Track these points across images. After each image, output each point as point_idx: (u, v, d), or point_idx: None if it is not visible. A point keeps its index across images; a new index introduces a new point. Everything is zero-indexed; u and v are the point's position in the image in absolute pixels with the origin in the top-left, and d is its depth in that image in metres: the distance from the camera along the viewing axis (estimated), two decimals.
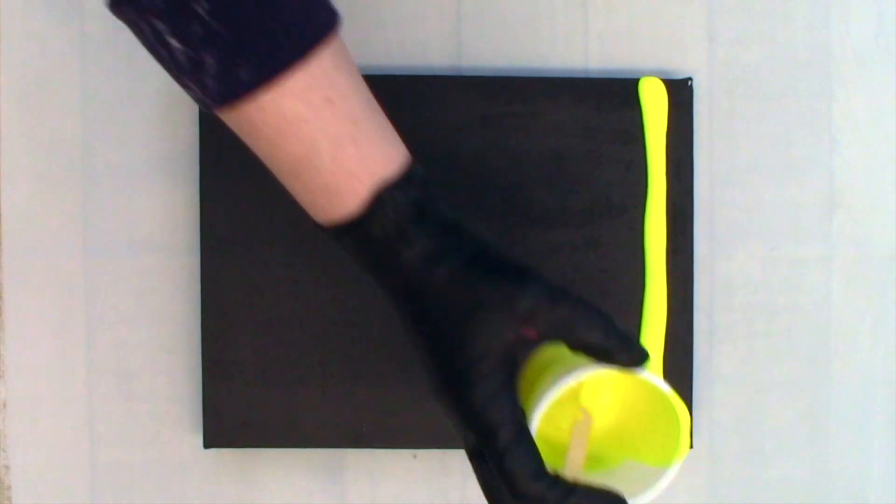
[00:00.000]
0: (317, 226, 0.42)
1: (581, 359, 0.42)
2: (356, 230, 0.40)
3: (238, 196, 0.54)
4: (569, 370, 0.42)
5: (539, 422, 0.41)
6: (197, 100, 0.40)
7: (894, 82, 0.58)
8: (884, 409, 0.58)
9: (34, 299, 0.56)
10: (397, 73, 0.56)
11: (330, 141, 0.39)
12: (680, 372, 0.55)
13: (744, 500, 0.58)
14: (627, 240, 0.55)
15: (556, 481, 0.39)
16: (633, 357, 0.41)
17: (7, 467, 0.57)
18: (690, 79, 0.55)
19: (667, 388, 0.42)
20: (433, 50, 0.57)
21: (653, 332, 0.55)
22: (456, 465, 0.57)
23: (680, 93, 0.55)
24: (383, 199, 0.40)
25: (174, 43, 0.37)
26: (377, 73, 0.55)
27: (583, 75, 0.57)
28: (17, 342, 0.56)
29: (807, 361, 0.58)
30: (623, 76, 0.56)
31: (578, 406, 0.46)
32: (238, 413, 0.54)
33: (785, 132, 0.57)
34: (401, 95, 0.54)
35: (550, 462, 0.40)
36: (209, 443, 0.55)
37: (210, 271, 0.54)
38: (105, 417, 0.56)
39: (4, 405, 0.57)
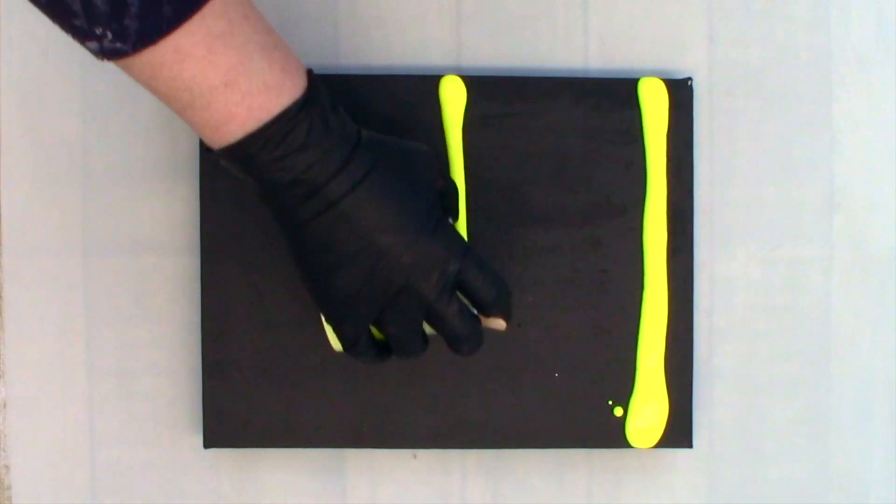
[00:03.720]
0: (230, 147, 0.44)
1: None
2: (292, 120, 0.43)
3: (238, 196, 0.54)
4: None
5: None
6: (104, 50, 0.41)
7: (894, 82, 0.58)
8: (884, 409, 0.58)
9: (34, 299, 0.56)
10: (397, 73, 0.56)
11: (259, 46, 0.43)
12: (680, 372, 0.55)
13: (744, 500, 0.58)
14: (627, 240, 0.55)
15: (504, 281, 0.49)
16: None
17: (7, 467, 0.57)
18: (690, 79, 0.55)
19: None
20: (433, 50, 0.57)
21: (653, 332, 0.55)
22: (456, 465, 0.57)
23: (680, 93, 0.55)
24: (316, 86, 0.45)
25: None
26: (377, 73, 0.55)
27: (583, 75, 0.57)
28: (17, 342, 0.56)
29: (807, 361, 0.58)
30: (623, 76, 0.56)
31: None
32: (238, 413, 0.54)
33: (785, 132, 0.57)
34: (400, 95, 0.55)
35: None
36: (209, 443, 0.55)
37: (210, 271, 0.54)
38: (105, 417, 0.56)
39: (4, 405, 0.57)
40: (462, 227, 0.54)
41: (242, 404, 0.54)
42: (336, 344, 0.50)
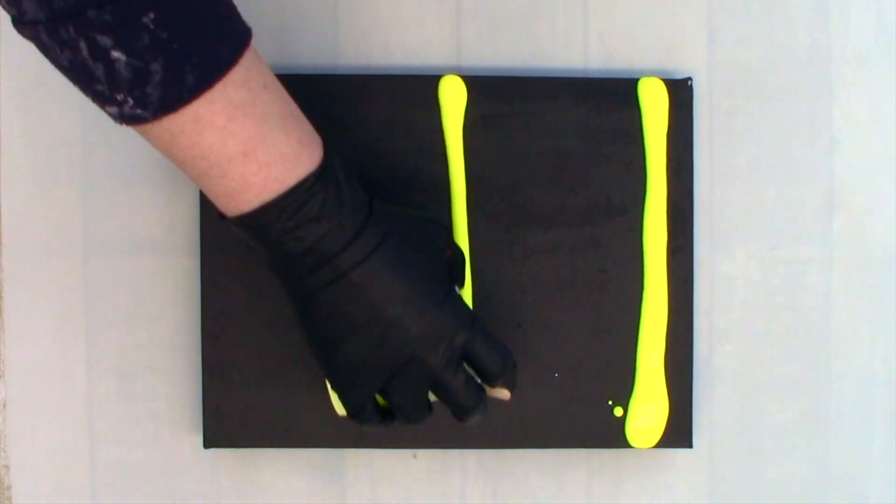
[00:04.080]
0: (244, 216, 0.44)
1: None
2: (308, 191, 0.44)
3: None
4: None
5: None
6: (123, 115, 0.41)
7: (894, 82, 0.58)
8: (884, 409, 0.58)
9: (34, 299, 0.56)
10: (397, 73, 0.56)
11: (277, 118, 0.43)
12: (680, 372, 0.55)
13: (744, 500, 0.58)
14: (627, 240, 0.55)
15: (510, 352, 0.50)
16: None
17: (7, 467, 0.57)
18: (690, 79, 0.55)
19: None
20: (433, 50, 0.57)
21: (653, 332, 0.55)
22: (456, 465, 0.57)
23: (680, 93, 0.55)
24: (331, 158, 0.45)
25: (118, 55, 0.39)
26: (377, 72, 0.55)
27: (583, 75, 0.57)
28: (17, 342, 0.56)
29: (807, 361, 0.58)
30: (623, 76, 0.56)
31: None
32: (238, 413, 0.54)
33: (785, 132, 0.57)
34: (400, 95, 0.55)
35: None
36: (209, 443, 0.55)
37: (210, 271, 0.54)
38: (105, 417, 0.56)
39: (4, 405, 0.57)
40: (468, 293, 0.54)
41: (242, 404, 0.54)
42: (340, 409, 0.50)
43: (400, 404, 0.48)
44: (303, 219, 0.44)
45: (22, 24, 0.39)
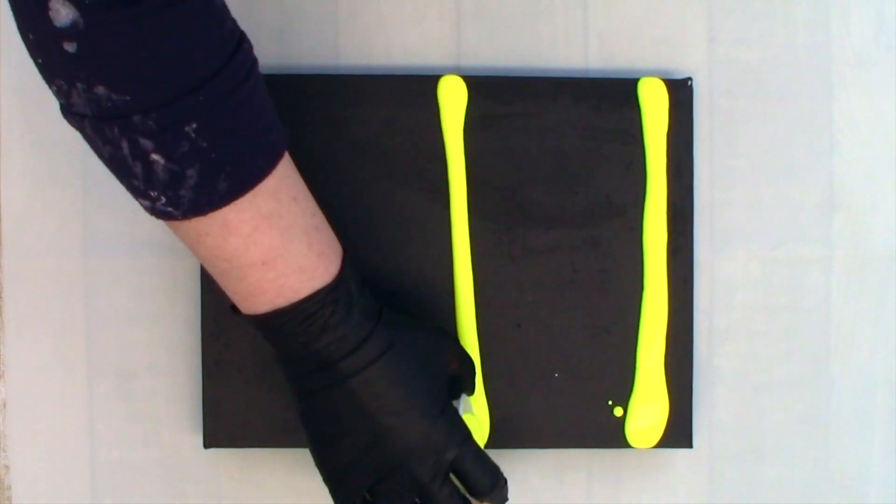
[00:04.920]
0: (257, 314, 0.46)
1: None
2: (319, 302, 0.45)
3: None
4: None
5: None
6: (155, 210, 0.42)
7: (894, 82, 0.58)
8: (884, 409, 0.58)
9: (34, 299, 0.56)
10: (397, 73, 0.56)
11: (301, 230, 0.45)
12: (680, 372, 0.55)
13: (744, 500, 0.58)
14: (627, 240, 0.55)
15: (501, 472, 0.50)
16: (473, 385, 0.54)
17: (7, 467, 0.57)
18: (690, 79, 0.55)
19: (472, 410, 0.54)
20: (433, 50, 0.57)
21: (653, 332, 0.55)
22: None
23: (680, 93, 0.55)
24: (347, 272, 0.47)
25: (157, 158, 0.40)
26: (377, 72, 0.55)
27: (583, 75, 0.57)
28: (17, 342, 0.56)
29: (807, 361, 0.58)
30: (623, 76, 0.56)
31: None
32: (238, 413, 0.54)
33: (785, 132, 0.57)
34: (400, 95, 0.55)
35: None
36: (209, 443, 0.55)
37: None
38: (105, 417, 0.56)
39: (4, 405, 0.57)
40: (481, 401, 0.55)
41: (242, 404, 0.54)
42: None
43: None
44: (310, 327, 0.45)
45: (70, 114, 0.41)
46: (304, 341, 0.46)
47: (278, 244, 0.44)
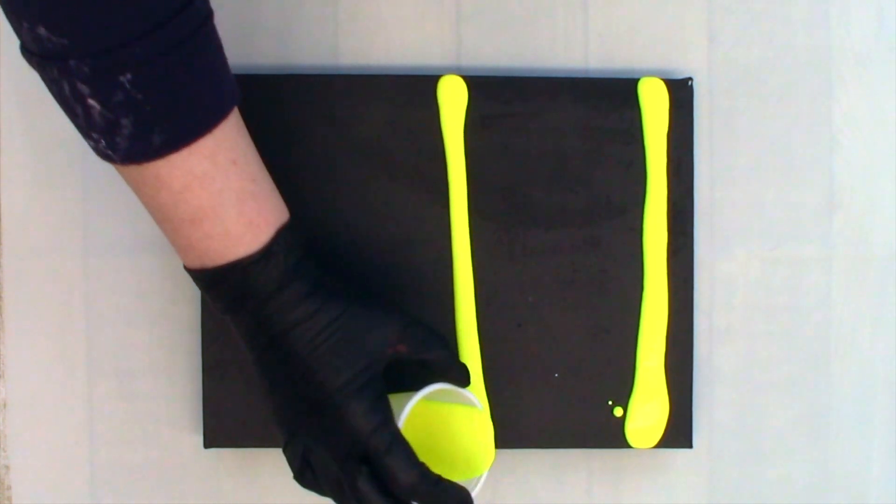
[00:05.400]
0: (189, 268, 0.47)
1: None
2: (243, 271, 0.45)
3: None
4: (414, 393, 0.48)
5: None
6: (98, 150, 0.43)
7: (894, 82, 0.58)
8: (884, 409, 0.58)
9: (34, 299, 0.56)
10: (397, 73, 0.56)
11: (234, 195, 0.44)
12: (680, 372, 0.55)
13: (744, 500, 0.58)
14: (627, 240, 0.55)
15: (428, 472, 0.46)
16: (462, 375, 0.51)
17: (7, 467, 0.57)
18: (690, 79, 0.55)
19: (479, 405, 0.51)
20: (433, 50, 0.57)
21: (653, 332, 0.55)
22: None
23: (680, 93, 0.55)
24: (279, 244, 0.46)
25: (94, 104, 0.41)
26: (377, 72, 0.55)
27: (583, 75, 0.57)
28: (17, 342, 0.56)
29: (807, 361, 0.58)
30: (623, 76, 0.56)
31: None
32: (238, 413, 0.54)
33: (785, 132, 0.57)
34: (400, 95, 0.55)
35: None
36: (209, 443, 0.55)
37: None
38: (105, 417, 0.56)
39: (4, 405, 0.57)
40: (481, 401, 0.54)
41: (242, 404, 0.54)
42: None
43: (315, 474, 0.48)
44: (237, 292, 0.46)
45: (23, 52, 0.43)
46: (228, 305, 0.46)
47: (206, 206, 0.44)
